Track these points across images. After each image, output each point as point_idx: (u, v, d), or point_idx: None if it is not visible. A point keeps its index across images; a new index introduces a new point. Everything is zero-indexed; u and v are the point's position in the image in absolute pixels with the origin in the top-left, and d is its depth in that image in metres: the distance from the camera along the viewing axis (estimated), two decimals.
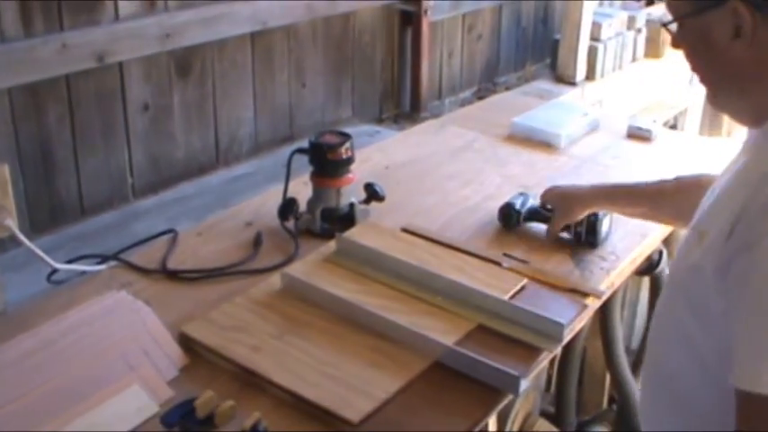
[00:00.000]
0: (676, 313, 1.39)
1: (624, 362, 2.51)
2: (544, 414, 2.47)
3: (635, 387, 2.55)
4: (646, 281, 2.63)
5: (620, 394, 2.57)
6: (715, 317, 1.28)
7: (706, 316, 1.31)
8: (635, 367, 2.60)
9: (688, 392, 1.40)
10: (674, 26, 1.36)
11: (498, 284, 1.80)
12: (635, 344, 2.78)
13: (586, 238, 2.03)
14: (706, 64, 1.35)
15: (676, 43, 1.39)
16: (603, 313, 2.41)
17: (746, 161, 1.35)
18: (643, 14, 4.32)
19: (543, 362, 1.65)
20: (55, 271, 1.94)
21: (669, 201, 1.87)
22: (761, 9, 1.23)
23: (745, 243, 1.20)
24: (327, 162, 2.05)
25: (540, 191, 2.20)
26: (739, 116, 1.40)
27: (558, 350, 1.72)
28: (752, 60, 1.28)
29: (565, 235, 2.06)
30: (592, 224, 2.01)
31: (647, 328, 2.41)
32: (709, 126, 5.16)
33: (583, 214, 2.00)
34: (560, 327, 1.66)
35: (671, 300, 1.43)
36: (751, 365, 1.17)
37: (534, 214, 2.10)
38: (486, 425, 1.69)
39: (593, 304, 1.83)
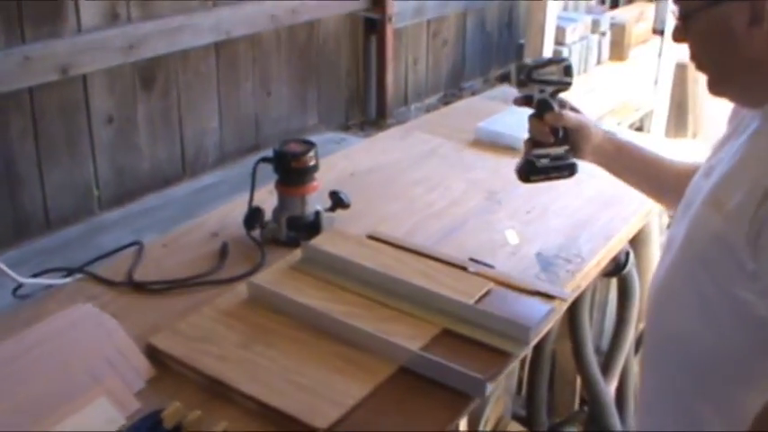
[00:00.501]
0: (695, 282, 1.43)
1: (594, 363, 2.52)
2: (516, 417, 2.48)
3: (605, 388, 2.56)
4: (614, 282, 2.64)
5: (591, 395, 2.58)
6: (738, 280, 1.34)
7: (728, 280, 1.36)
8: (605, 368, 2.61)
9: (701, 355, 1.46)
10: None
11: (464, 289, 1.80)
12: (605, 345, 2.79)
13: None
14: (719, 53, 1.40)
15: (679, 37, 1.44)
16: (572, 315, 2.43)
17: (757, 133, 1.40)
18: (607, 18, 4.36)
19: (510, 365, 1.65)
20: (20, 285, 1.93)
21: (673, 178, 1.85)
22: None
23: None
24: (292, 170, 2.05)
25: (506, 195, 2.21)
26: (743, 100, 1.47)
27: (528, 353, 1.74)
28: (767, 47, 1.34)
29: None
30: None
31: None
32: (675, 128, 5.20)
33: (585, 147, 1.92)
34: (526, 330, 1.66)
35: (688, 270, 1.46)
36: None
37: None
38: (457, 428, 1.70)
39: (560, 307, 1.84)
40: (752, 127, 1.42)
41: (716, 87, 1.45)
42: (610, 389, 2.63)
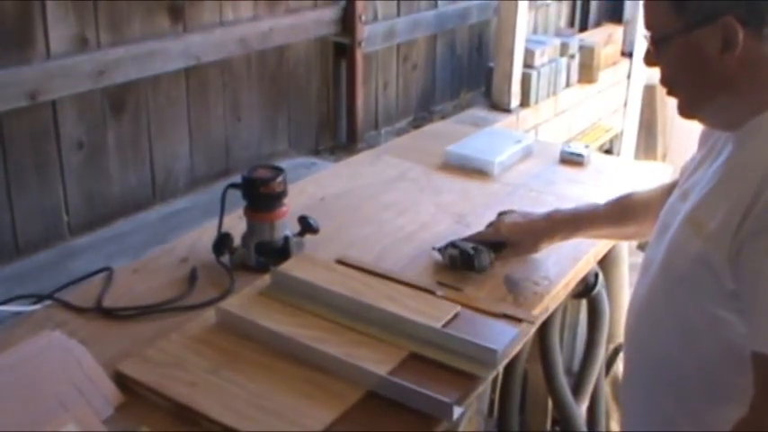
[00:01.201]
0: (676, 304, 1.48)
1: (565, 385, 2.54)
2: None
3: (577, 409, 2.57)
4: (584, 303, 2.66)
5: (562, 417, 2.59)
6: (718, 300, 1.40)
7: (709, 300, 1.42)
8: (576, 389, 2.63)
9: (682, 375, 1.51)
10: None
11: (432, 312, 1.82)
12: (576, 366, 2.81)
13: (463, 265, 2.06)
14: (691, 77, 1.46)
15: (651, 60, 1.50)
16: (542, 337, 2.44)
17: (733, 156, 1.45)
18: (576, 40, 4.40)
19: (478, 388, 1.67)
20: None
21: (631, 216, 1.98)
22: (750, 24, 1.37)
23: (762, 227, 1.32)
24: (260, 196, 2.06)
25: (475, 218, 2.22)
26: (714, 122, 1.53)
27: (499, 374, 1.75)
28: (738, 71, 1.40)
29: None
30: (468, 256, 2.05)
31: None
32: (645, 149, 5.25)
33: (546, 246, 2.09)
34: (494, 353, 1.68)
35: (668, 292, 1.51)
36: None
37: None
38: None
39: (527, 329, 1.85)
40: (725, 151, 1.47)
41: (687, 110, 1.50)
42: (581, 409, 2.65)
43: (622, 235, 2.14)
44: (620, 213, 2.02)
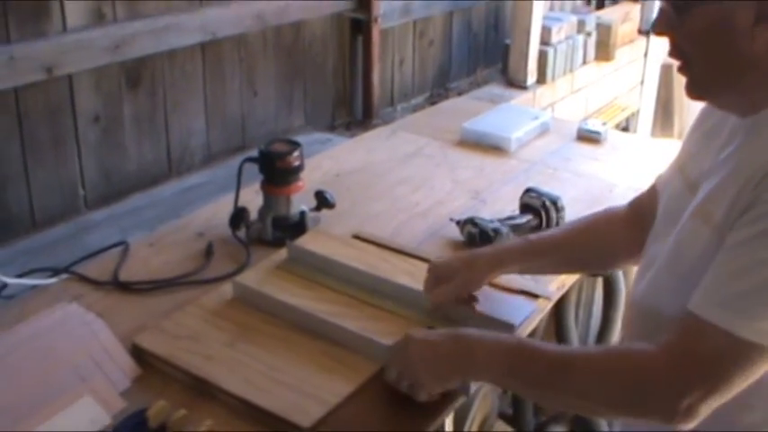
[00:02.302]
0: (683, 298, 1.32)
1: None
2: (502, 415, 2.49)
3: None
4: (600, 282, 2.65)
5: None
6: None
7: None
8: None
9: None
10: (672, 12, 1.29)
11: None
12: (591, 344, 2.80)
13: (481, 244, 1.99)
14: (716, 51, 1.28)
15: (664, 28, 1.31)
16: (557, 314, 2.44)
17: (745, 144, 1.31)
18: (593, 18, 4.38)
19: None
20: (5, 286, 1.93)
21: (582, 243, 1.77)
22: None
23: (749, 204, 1.23)
24: (277, 170, 2.05)
25: (491, 195, 2.22)
26: (728, 105, 1.36)
27: None
28: (766, 51, 1.24)
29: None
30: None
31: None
32: (661, 127, 5.23)
33: (490, 279, 1.79)
34: (511, 328, 1.67)
35: (675, 286, 1.37)
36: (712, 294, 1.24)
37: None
38: (443, 427, 1.70)
39: (544, 305, 1.85)
40: (736, 139, 1.34)
41: (701, 91, 1.35)
42: None
43: (574, 268, 1.93)
44: (569, 243, 1.78)
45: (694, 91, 1.35)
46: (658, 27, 1.32)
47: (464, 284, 1.71)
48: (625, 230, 1.70)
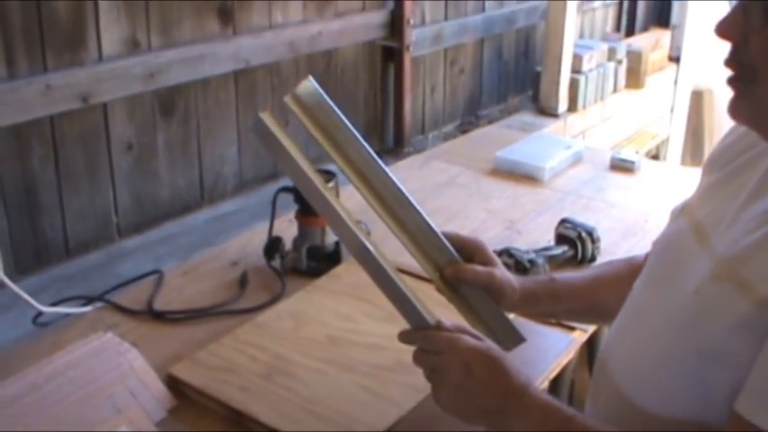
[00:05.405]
0: (701, 371, 1.13)
1: None
2: None
3: None
4: None
5: None
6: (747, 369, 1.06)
7: (743, 370, 1.07)
8: None
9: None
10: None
11: None
12: None
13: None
14: None
15: (731, 31, 1.05)
16: (591, 346, 2.41)
17: None
18: (623, 45, 4.37)
19: None
20: (40, 314, 1.93)
21: (605, 289, 1.58)
22: None
23: None
24: None
25: (525, 225, 2.20)
26: None
27: (545, 383, 1.72)
28: None
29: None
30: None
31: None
32: (691, 155, 5.20)
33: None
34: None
35: (689, 357, 1.14)
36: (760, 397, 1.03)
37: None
38: None
39: (580, 338, 1.83)
40: None
41: (754, 110, 1.08)
42: None
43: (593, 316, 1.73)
44: (591, 288, 1.62)
45: (747, 110, 1.09)
46: (727, 26, 1.05)
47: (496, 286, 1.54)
48: None
